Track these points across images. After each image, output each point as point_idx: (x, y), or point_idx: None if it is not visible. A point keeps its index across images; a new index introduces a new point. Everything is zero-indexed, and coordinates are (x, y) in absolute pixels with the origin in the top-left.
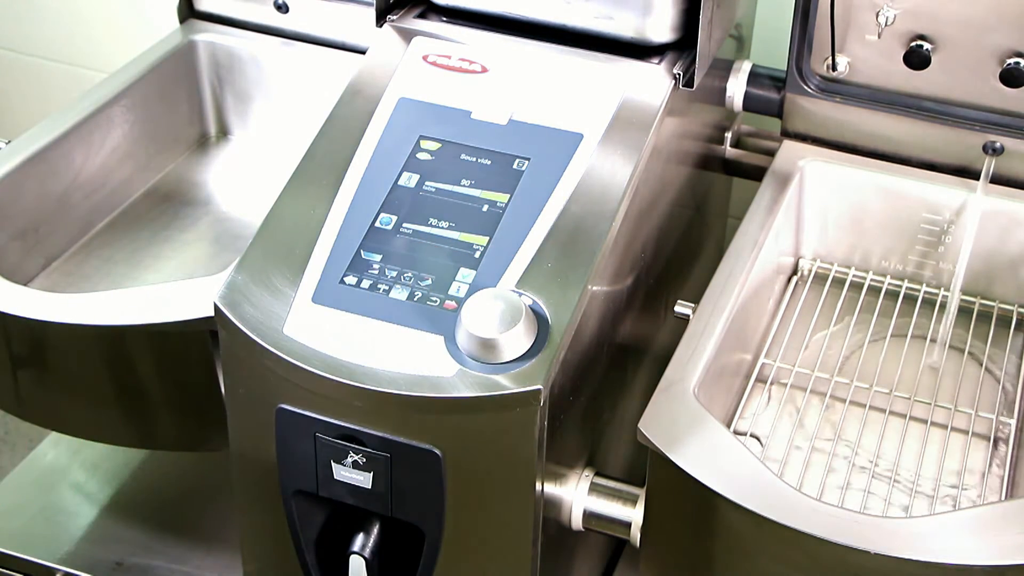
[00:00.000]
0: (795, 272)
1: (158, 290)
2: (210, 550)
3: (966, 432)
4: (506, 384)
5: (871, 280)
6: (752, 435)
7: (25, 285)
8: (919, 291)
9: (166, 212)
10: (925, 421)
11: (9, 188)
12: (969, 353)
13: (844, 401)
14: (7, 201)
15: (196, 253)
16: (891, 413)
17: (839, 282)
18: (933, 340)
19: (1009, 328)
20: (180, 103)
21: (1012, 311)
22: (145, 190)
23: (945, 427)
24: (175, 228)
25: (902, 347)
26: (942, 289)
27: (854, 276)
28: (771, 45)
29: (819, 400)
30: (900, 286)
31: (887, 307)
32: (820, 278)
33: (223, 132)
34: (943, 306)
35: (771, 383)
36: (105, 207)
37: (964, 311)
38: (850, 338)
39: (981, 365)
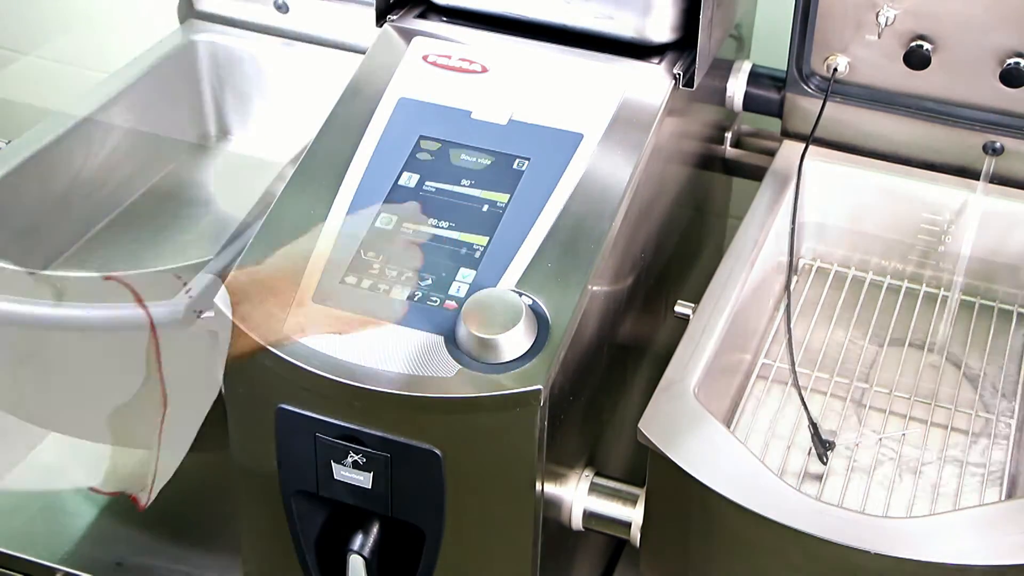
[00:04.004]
0: (795, 272)
1: None
2: (210, 550)
3: (966, 432)
4: (506, 384)
5: (871, 280)
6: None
7: None
8: (919, 291)
9: (166, 212)
10: (925, 421)
11: (9, 188)
12: (969, 353)
13: (844, 400)
14: (7, 201)
15: (196, 253)
16: (891, 413)
17: (839, 282)
18: (933, 340)
19: (1009, 328)
20: (180, 103)
21: (1012, 311)
22: (145, 190)
23: (945, 427)
24: (175, 228)
25: (902, 347)
26: (942, 289)
27: (854, 276)
28: (771, 45)
29: (819, 400)
30: (900, 286)
31: (887, 307)
32: (820, 278)
33: (223, 132)
34: (943, 306)
35: (771, 383)
36: (105, 207)
37: (964, 311)
38: (850, 338)
39: (981, 365)
